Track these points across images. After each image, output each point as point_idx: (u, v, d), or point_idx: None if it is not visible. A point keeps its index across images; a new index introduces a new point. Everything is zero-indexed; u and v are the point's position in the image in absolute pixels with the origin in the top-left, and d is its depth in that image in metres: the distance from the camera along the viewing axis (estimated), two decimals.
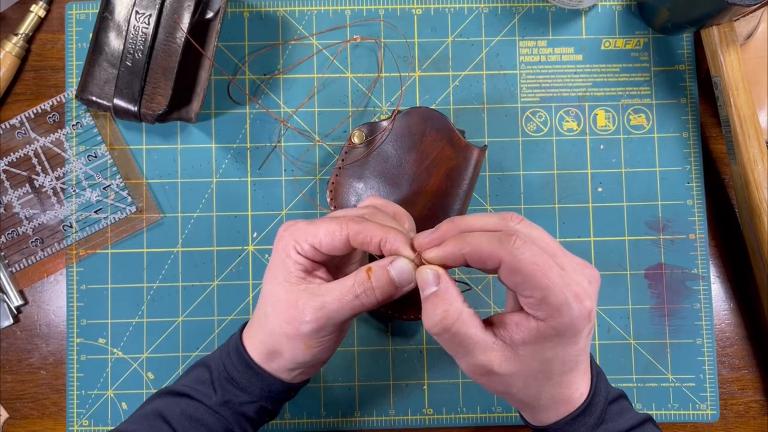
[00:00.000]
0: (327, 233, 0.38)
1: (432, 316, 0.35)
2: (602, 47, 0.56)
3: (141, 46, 0.50)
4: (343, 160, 0.52)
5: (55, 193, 0.55)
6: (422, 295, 0.37)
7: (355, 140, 0.52)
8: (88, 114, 0.55)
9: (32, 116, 0.55)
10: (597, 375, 0.39)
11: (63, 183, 0.55)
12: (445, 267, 0.37)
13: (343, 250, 0.38)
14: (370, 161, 0.52)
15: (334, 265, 0.42)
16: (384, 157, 0.51)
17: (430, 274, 0.36)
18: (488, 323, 0.37)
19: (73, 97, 0.55)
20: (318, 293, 0.38)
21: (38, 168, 0.55)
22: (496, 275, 0.36)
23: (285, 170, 0.55)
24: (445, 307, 0.35)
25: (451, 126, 0.51)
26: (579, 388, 0.38)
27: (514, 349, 0.36)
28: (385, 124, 0.52)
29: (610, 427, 0.39)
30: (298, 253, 0.39)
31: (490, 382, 0.37)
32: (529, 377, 0.36)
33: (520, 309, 0.36)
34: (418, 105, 0.54)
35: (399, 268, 0.37)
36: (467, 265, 0.36)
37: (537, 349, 0.35)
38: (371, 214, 0.40)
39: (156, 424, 0.40)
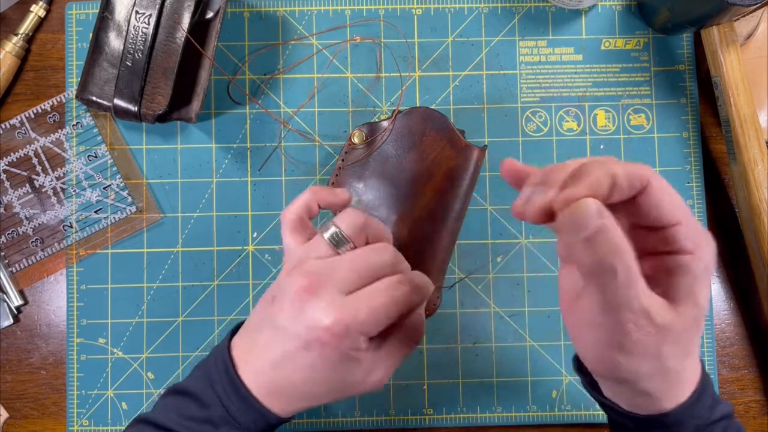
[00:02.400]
0: (399, 309, 0.36)
1: (602, 249, 0.29)
2: (602, 47, 0.56)
3: (141, 46, 0.50)
4: (343, 160, 0.52)
5: (55, 193, 0.55)
6: (579, 233, 0.29)
7: (355, 140, 0.52)
8: (88, 114, 0.55)
9: (32, 116, 0.55)
10: (704, 371, 0.36)
11: (63, 183, 0.55)
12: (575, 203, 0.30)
13: None
14: (370, 161, 0.51)
15: None
16: (384, 157, 0.51)
17: (595, 206, 0.29)
18: None
19: (73, 97, 0.55)
20: (388, 364, 0.38)
21: (38, 168, 0.55)
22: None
23: (285, 170, 0.55)
24: (618, 242, 0.29)
25: (451, 126, 0.51)
26: (695, 352, 0.34)
27: (669, 297, 0.31)
28: (385, 124, 0.52)
29: (723, 408, 0.36)
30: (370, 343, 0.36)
31: (646, 337, 0.30)
32: (683, 327, 0.31)
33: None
34: (418, 105, 0.54)
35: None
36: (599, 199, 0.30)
37: (691, 293, 0.31)
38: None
39: None
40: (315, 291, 0.35)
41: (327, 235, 0.37)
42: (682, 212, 0.31)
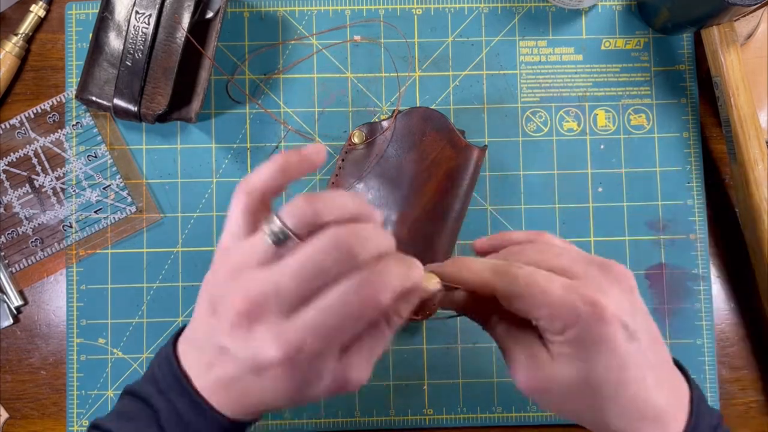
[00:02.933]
0: (356, 324, 0.31)
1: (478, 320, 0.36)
2: (602, 47, 0.56)
3: (141, 46, 0.50)
4: (343, 160, 0.52)
5: (55, 193, 0.55)
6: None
7: (355, 140, 0.52)
8: (88, 114, 0.55)
9: (32, 116, 0.55)
10: (698, 399, 0.35)
11: (63, 183, 0.55)
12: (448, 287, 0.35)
13: None
14: (370, 161, 0.51)
15: None
16: (384, 157, 0.51)
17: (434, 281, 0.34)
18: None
19: (73, 97, 0.55)
20: (361, 364, 0.34)
21: (38, 168, 0.55)
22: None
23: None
24: (481, 314, 0.36)
25: (451, 126, 0.51)
26: (668, 402, 0.34)
27: (556, 357, 0.33)
28: (385, 124, 0.52)
29: None
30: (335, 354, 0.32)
31: (542, 397, 0.34)
32: (580, 391, 0.33)
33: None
34: (418, 105, 0.54)
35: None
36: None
37: (576, 360, 0.33)
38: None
39: None
40: (256, 318, 0.30)
41: (269, 231, 0.31)
42: (542, 305, 0.32)
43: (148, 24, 0.50)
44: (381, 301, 0.30)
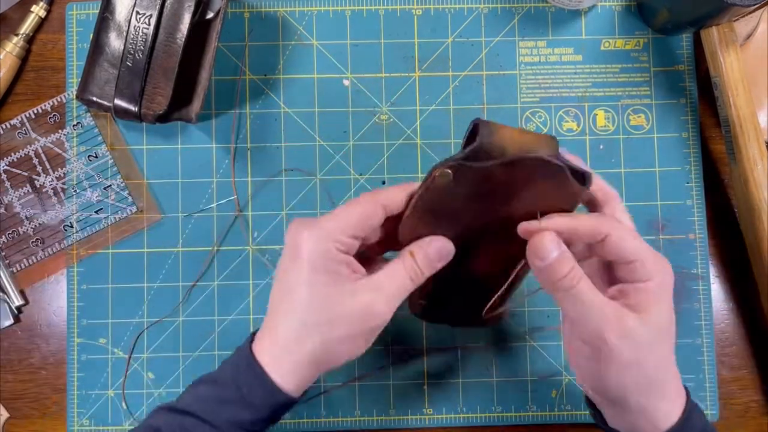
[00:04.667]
0: (361, 216, 0.38)
1: (561, 272, 0.37)
2: (602, 47, 0.56)
3: (141, 47, 0.50)
4: (421, 198, 0.39)
5: (56, 193, 0.55)
6: (544, 261, 0.37)
7: (440, 178, 0.38)
8: (88, 114, 0.55)
9: (33, 116, 0.55)
10: (687, 391, 0.41)
11: (63, 183, 0.55)
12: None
13: (377, 228, 0.39)
14: (453, 207, 0.39)
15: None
16: (472, 203, 0.39)
17: (554, 239, 0.37)
18: None
19: (74, 97, 0.55)
20: (377, 287, 0.39)
21: (39, 168, 0.55)
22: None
23: (285, 171, 0.55)
24: (574, 264, 0.37)
25: (567, 175, 0.38)
26: (673, 377, 0.40)
27: (634, 309, 0.38)
28: (477, 165, 0.37)
29: None
30: (341, 251, 0.38)
31: (622, 341, 0.37)
32: (654, 335, 0.38)
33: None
34: (484, 123, 0.37)
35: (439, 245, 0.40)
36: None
37: (655, 310, 0.38)
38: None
39: None
40: (301, 228, 0.38)
41: None
42: (637, 252, 0.38)
43: (149, 24, 0.50)
44: (378, 197, 0.38)
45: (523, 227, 0.39)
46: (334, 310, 0.38)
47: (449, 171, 0.37)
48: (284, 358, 0.39)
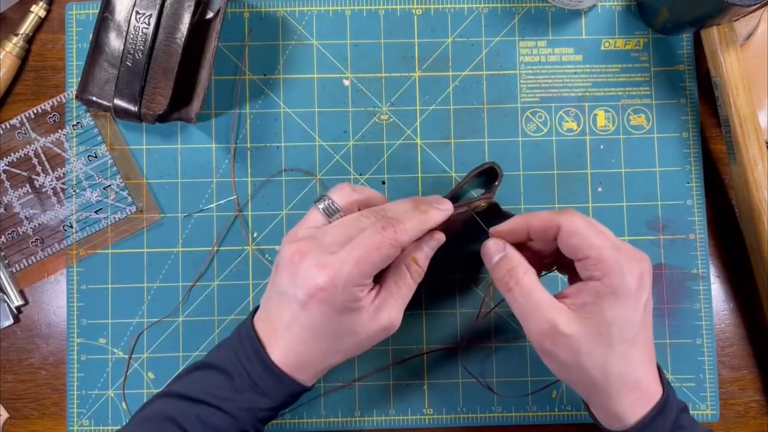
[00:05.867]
0: (382, 260, 0.39)
1: (501, 272, 0.40)
2: (602, 47, 0.56)
3: (141, 47, 0.50)
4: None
5: (56, 193, 0.55)
6: (490, 265, 0.41)
7: (479, 206, 0.46)
8: (88, 114, 0.55)
9: (32, 116, 0.55)
10: (666, 381, 0.41)
11: (63, 183, 0.55)
12: (507, 239, 0.42)
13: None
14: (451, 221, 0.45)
15: None
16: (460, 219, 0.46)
17: (498, 243, 0.41)
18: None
19: (74, 97, 0.55)
20: (391, 303, 0.40)
21: (38, 168, 0.55)
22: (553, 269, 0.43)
23: (285, 171, 0.55)
24: (514, 264, 0.40)
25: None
26: (647, 375, 0.39)
27: (576, 311, 0.38)
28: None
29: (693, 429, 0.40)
30: (361, 289, 0.39)
31: (557, 347, 0.38)
32: (591, 339, 0.37)
33: (578, 281, 0.40)
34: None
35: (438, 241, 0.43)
36: (529, 239, 0.41)
37: (596, 310, 0.37)
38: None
39: (167, 428, 0.39)
40: (304, 253, 0.38)
41: (321, 206, 0.41)
42: (590, 248, 0.38)
43: (149, 24, 0.50)
44: (398, 239, 0.38)
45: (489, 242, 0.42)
46: (357, 337, 0.40)
47: (485, 204, 0.46)
48: (299, 361, 0.40)
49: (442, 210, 0.42)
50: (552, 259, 0.44)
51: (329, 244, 0.39)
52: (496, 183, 0.48)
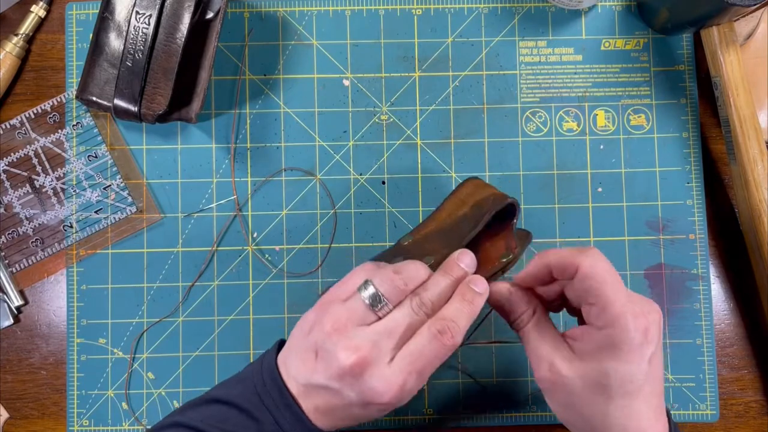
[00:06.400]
0: (441, 361, 0.40)
1: (510, 318, 0.41)
2: (602, 47, 0.56)
3: (141, 47, 0.50)
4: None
5: (56, 193, 0.55)
6: (497, 308, 0.42)
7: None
8: (88, 114, 0.55)
9: (32, 116, 0.55)
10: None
11: (63, 183, 0.55)
12: (532, 284, 0.42)
13: None
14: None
15: None
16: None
17: (502, 291, 0.42)
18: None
19: (74, 97, 0.55)
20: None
21: (38, 168, 0.55)
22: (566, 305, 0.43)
23: (285, 170, 0.55)
24: (522, 309, 0.41)
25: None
26: (652, 429, 0.38)
27: (578, 355, 0.38)
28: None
29: None
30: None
31: (556, 388, 0.39)
32: (589, 387, 0.37)
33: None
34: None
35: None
36: (551, 281, 0.41)
37: (596, 359, 0.37)
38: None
39: None
40: (365, 367, 0.38)
41: (365, 295, 0.40)
42: (600, 295, 0.37)
43: (149, 24, 0.50)
44: (456, 342, 0.39)
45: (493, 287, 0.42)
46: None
47: (514, 260, 0.46)
48: (329, 421, 0.40)
49: (483, 295, 0.41)
50: (559, 302, 0.43)
51: (386, 351, 0.38)
52: (514, 221, 0.47)
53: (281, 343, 0.43)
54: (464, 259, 0.42)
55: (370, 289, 0.39)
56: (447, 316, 0.39)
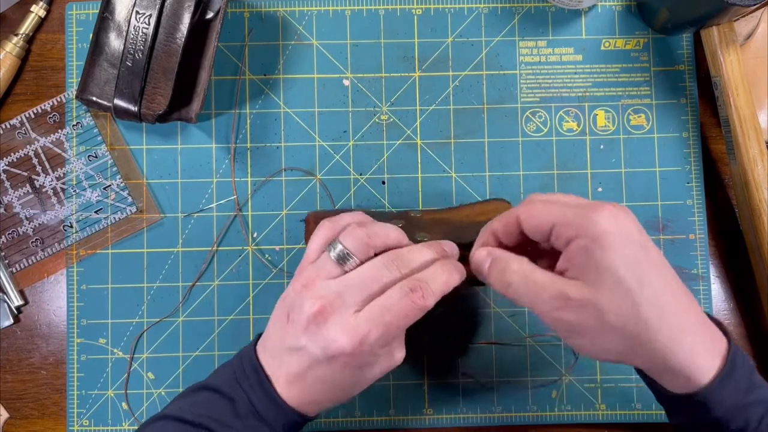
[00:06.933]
0: (408, 321, 0.39)
1: (496, 274, 0.39)
2: (602, 47, 0.56)
3: (141, 47, 0.50)
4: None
5: (56, 193, 0.55)
6: (484, 274, 0.40)
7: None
8: (88, 114, 0.55)
9: (32, 116, 0.55)
10: (726, 330, 0.38)
11: (63, 183, 0.55)
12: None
13: None
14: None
15: None
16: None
17: (482, 252, 0.40)
18: None
19: (74, 97, 0.55)
20: (401, 344, 0.41)
21: (38, 168, 0.55)
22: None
23: (285, 170, 0.55)
24: (505, 259, 0.39)
25: None
26: (693, 315, 0.36)
27: (578, 277, 0.36)
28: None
29: (765, 393, 0.37)
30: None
31: (578, 317, 0.35)
32: (607, 293, 0.35)
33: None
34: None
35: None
36: (509, 245, 0.41)
37: (594, 263, 0.35)
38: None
39: None
40: (327, 315, 0.38)
41: (333, 254, 0.40)
42: (551, 219, 0.37)
43: (149, 24, 0.50)
44: (425, 305, 0.38)
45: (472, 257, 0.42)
46: (370, 380, 0.41)
47: None
48: (307, 400, 0.40)
49: (461, 274, 0.41)
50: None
51: (352, 302, 0.38)
52: None
53: None
54: (452, 248, 0.42)
55: (338, 248, 0.40)
56: (421, 277, 0.39)
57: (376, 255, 0.40)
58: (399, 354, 0.41)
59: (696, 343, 0.36)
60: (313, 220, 0.47)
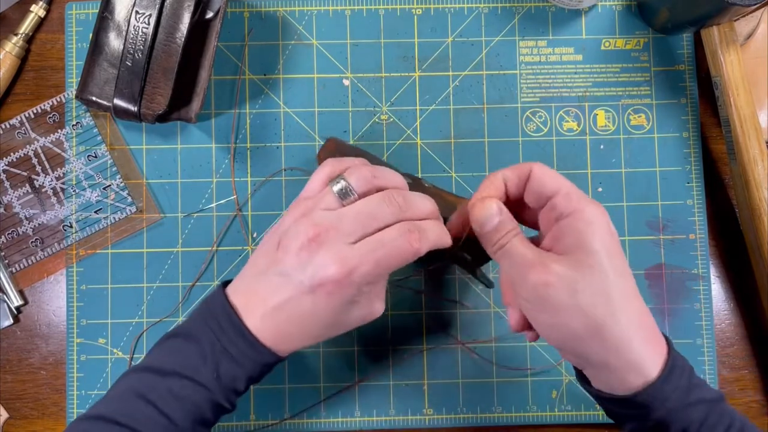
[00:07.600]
0: (400, 262, 0.38)
1: (497, 236, 0.38)
2: (602, 47, 0.56)
3: (141, 46, 0.50)
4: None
5: (55, 193, 0.55)
6: (484, 228, 0.39)
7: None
8: (88, 114, 0.55)
9: (32, 116, 0.55)
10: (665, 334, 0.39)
11: (63, 183, 0.55)
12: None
13: None
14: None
15: None
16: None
17: (492, 207, 0.38)
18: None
19: (73, 97, 0.55)
20: (381, 292, 0.41)
21: (38, 168, 0.55)
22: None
23: (285, 170, 0.55)
24: (509, 228, 0.38)
25: None
26: (647, 314, 0.37)
27: (563, 254, 0.36)
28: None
29: (704, 393, 0.37)
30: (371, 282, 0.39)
31: (551, 289, 0.36)
32: (585, 272, 0.35)
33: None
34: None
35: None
36: (507, 199, 0.40)
37: (581, 243, 0.36)
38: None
39: (137, 405, 0.37)
40: (322, 241, 0.37)
41: (336, 188, 0.40)
42: (559, 186, 0.37)
43: (148, 24, 0.50)
44: (419, 249, 0.38)
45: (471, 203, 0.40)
46: (348, 325, 0.40)
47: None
48: (281, 337, 0.39)
49: (449, 236, 0.41)
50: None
51: (347, 232, 0.38)
52: None
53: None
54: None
55: (342, 183, 0.40)
56: (420, 224, 0.39)
57: None
58: (378, 305, 0.40)
59: (647, 338, 0.37)
60: (333, 144, 0.49)
